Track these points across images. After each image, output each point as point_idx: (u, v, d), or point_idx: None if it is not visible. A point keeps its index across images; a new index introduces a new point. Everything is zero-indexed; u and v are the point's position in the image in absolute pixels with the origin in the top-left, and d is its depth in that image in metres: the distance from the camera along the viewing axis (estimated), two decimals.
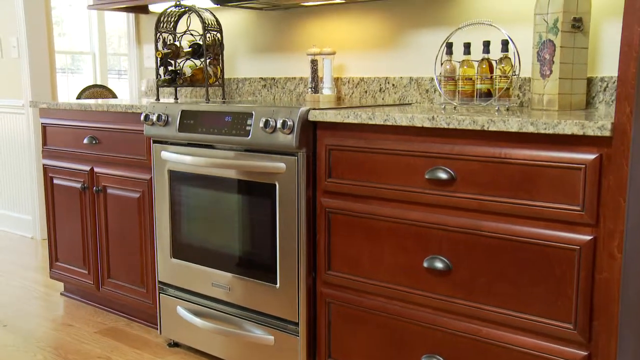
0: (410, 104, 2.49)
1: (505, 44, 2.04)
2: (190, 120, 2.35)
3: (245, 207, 2.25)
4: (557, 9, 1.98)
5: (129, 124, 2.65)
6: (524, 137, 1.63)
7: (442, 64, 2.17)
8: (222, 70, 2.95)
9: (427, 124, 1.78)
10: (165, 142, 2.46)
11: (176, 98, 3.03)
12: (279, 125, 2.05)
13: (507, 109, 2.01)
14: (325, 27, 2.78)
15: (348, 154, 1.98)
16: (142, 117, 2.49)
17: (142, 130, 2.56)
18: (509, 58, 2.04)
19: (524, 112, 1.91)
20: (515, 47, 2.02)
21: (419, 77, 2.50)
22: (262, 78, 3.02)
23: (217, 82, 2.96)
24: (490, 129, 1.66)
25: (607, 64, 2.09)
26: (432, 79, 2.46)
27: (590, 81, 2.10)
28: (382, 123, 1.87)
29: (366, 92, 2.65)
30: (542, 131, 1.57)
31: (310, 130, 2.06)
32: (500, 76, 2.03)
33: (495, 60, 2.07)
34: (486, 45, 2.07)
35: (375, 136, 1.91)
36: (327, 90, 2.65)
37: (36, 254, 4.10)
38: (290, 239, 2.11)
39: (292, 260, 2.12)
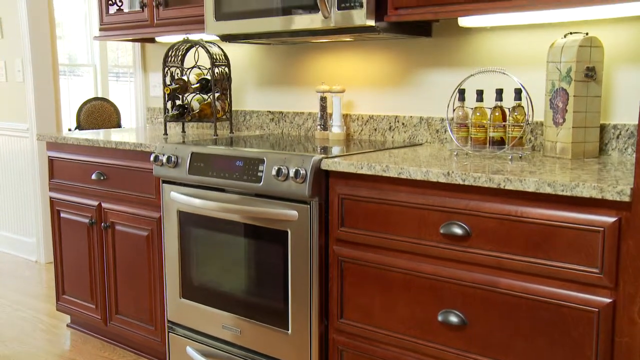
0: (421, 144, 2.48)
1: (518, 92, 2.03)
2: (200, 163, 2.34)
3: (257, 251, 2.24)
4: (570, 58, 1.98)
5: (138, 161, 2.64)
6: (541, 196, 1.62)
7: (454, 110, 2.16)
8: (229, 104, 2.95)
9: (442, 179, 1.77)
10: (175, 183, 2.45)
11: (183, 131, 3.02)
12: (291, 174, 2.04)
13: (520, 158, 2.01)
14: (334, 62, 2.77)
15: (361, 203, 1.97)
16: (151, 158, 2.48)
17: (151, 169, 2.55)
18: (522, 107, 2.03)
19: (538, 163, 1.90)
20: (529, 95, 2.02)
21: (429, 117, 2.49)
22: (270, 111, 3.01)
23: (224, 116, 2.95)
24: (506, 187, 1.65)
25: (619, 110, 2.09)
26: (443, 119, 2.45)
27: (602, 127, 2.09)
28: (396, 176, 1.86)
29: (375, 129, 2.65)
30: (560, 193, 1.57)
31: (322, 178, 2.05)
32: (513, 125, 2.02)
33: (509, 108, 2.06)
34: (499, 93, 2.07)
35: (389, 187, 1.91)
36: (336, 128, 2.65)
37: (41, 279, 4.09)
38: (303, 285, 2.11)
39: (304, 306, 2.11)
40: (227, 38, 2.66)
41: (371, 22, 2.16)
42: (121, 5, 3.30)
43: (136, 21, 3.05)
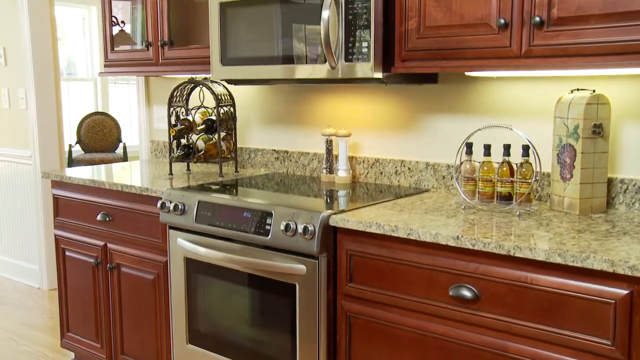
0: (427, 190, 2.49)
1: (526, 148, 2.04)
2: (207, 212, 2.35)
3: (265, 302, 2.24)
4: (578, 116, 1.98)
5: (144, 204, 2.64)
6: (551, 264, 1.63)
7: (461, 163, 2.17)
8: (234, 143, 2.95)
9: (451, 243, 1.77)
10: (182, 230, 2.46)
11: (188, 169, 3.02)
12: (299, 230, 2.04)
13: (528, 213, 2.02)
14: (340, 104, 2.78)
15: (370, 261, 1.98)
16: (158, 205, 2.48)
17: (157, 213, 2.55)
18: (530, 163, 2.04)
19: (546, 222, 1.90)
20: (536, 152, 2.02)
21: (435, 163, 2.49)
22: (275, 150, 3.01)
23: (230, 155, 2.96)
24: (516, 255, 1.66)
25: (626, 164, 2.09)
26: (449, 165, 2.46)
27: (610, 181, 2.10)
28: (404, 237, 1.86)
29: (381, 173, 2.65)
30: (570, 264, 1.57)
31: (331, 233, 2.05)
32: (521, 181, 2.03)
33: (516, 164, 2.07)
34: (506, 148, 2.07)
35: (397, 246, 1.91)
36: (342, 172, 2.65)
37: (44, 309, 4.08)
38: (311, 338, 2.11)
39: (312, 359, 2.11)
40: (233, 81, 2.67)
41: (378, 75, 2.17)
42: (123, 26, 3.31)
43: (141, 59, 3.05)
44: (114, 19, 3.27)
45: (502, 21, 1.92)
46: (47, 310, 4.06)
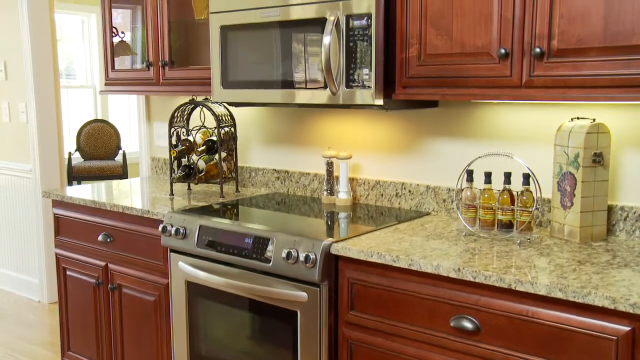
0: (428, 213, 2.49)
1: (526, 177, 2.04)
2: (208, 236, 2.35)
3: (267, 328, 2.25)
4: (578, 145, 1.99)
5: (145, 226, 2.65)
6: (552, 298, 1.63)
7: (462, 190, 2.17)
8: (235, 163, 2.96)
9: (452, 275, 1.78)
10: (183, 253, 2.46)
11: (189, 188, 3.02)
12: (301, 258, 2.05)
13: (529, 241, 2.02)
14: (340, 125, 2.79)
15: (371, 289, 1.98)
16: (160, 228, 2.49)
17: (159, 235, 2.55)
18: (530, 192, 2.04)
19: (546, 251, 1.91)
20: (536, 180, 2.03)
21: (435, 187, 2.50)
22: (275, 170, 3.02)
23: (231, 175, 2.96)
24: (517, 288, 1.66)
25: (626, 192, 2.10)
26: (450, 189, 2.46)
27: (610, 208, 2.11)
28: (406, 267, 1.87)
29: (382, 195, 2.66)
30: (571, 299, 1.58)
31: (332, 261, 2.06)
32: (521, 210, 2.03)
33: (517, 192, 2.07)
34: (507, 176, 2.08)
35: (399, 276, 1.92)
36: (343, 194, 2.65)
37: (44, 324, 4.08)
38: None
39: None
40: (234, 104, 2.67)
41: (379, 102, 2.18)
42: (123, 36, 3.32)
43: (142, 79, 3.06)
44: (113, 29, 3.28)
45: (503, 51, 1.93)
46: (47, 324, 4.07)
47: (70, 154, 8.00)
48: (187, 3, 2.96)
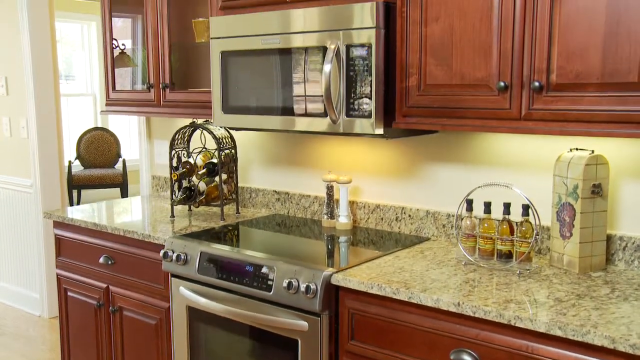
0: (428, 239, 2.50)
1: (525, 208, 2.06)
2: (209, 263, 2.36)
3: (267, 355, 2.26)
4: (577, 176, 2.01)
5: (146, 250, 2.66)
6: (552, 335, 1.64)
7: (462, 219, 2.19)
8: (236, 185, 2.97)
9: (452, 309, 1.79)
10: (184, 279, 2.47)
11: (190, 209, 3.04)
12: (302, 288, 2.06)
13: (528, 271, 2.04)
14: (340, 148, 2.80)
15: (371, 320, 2.00)
16: (161, 254, 2.50)
17: (160, 259, 2.56)
18: (530, 222, 2.06)
19: (546, 283, 1.93)
20: (536, 211, 2.04)
21: (435, 212, 2.51)
22: (276, 191, 3.03)
23: (231, 197, 2.97)
24: (516, 325, 1.68)
25: (625, 221, 2.12)
26: (449, 214, 2.47)
27: (609, 237, 2.12)
28: (406, 300, 1.88)
29: (382, 219, 2.67)
30: (571, 337, 1.59)
31: (333, 291, 2.07)
32: (520, 240, 2.05)
33: (516, 222, 2.09)
34: (506, 207, 2.09)
35: (399, 308, 1.93)
36: (343, 218, 2.67)
37: (44, 339, 4.10)
38: None
39: None
40: (235, 128, 2.68)
41: (380, 131, 2.19)
42: (124, 48, 3.33)
43: (143, 100, 3.07)
44: (114, 41, 3.29)
45: (502, 84, 1.95)
46: (48, 340, 4.08)
47: (70, 162, 8.01)
48: (187, 26, 2.97)
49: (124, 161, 8.31)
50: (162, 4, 2.92)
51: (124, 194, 8.32)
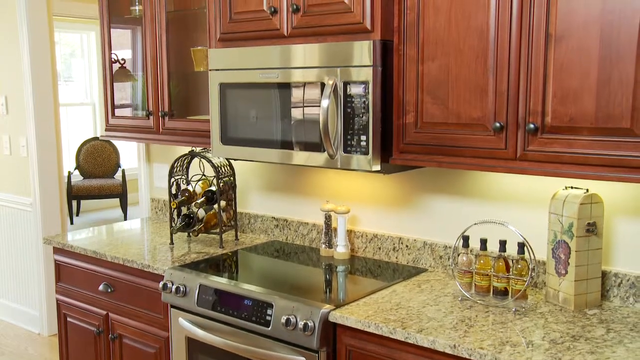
0: (425, 270, 2.52)
1: (521, 246, 2.08)
2: (208, 296, 2.38)
3: None
4: (572, 215, 2.03)
5: (146, 279, 2.68)
6: None
7: (458, 255, 2.21)
8: (235, 212, 2.99)
9: (448, 351, 1.81)
10: (184, 310, 2.49)
11: (189, 236, 3.05)
12: (300, 325, 2.08)
13: (524, 308, 2.06)
14: (338, 177, 2.82)
15: (369, 357, 2.02)
16: (160, 285, 2.52)
17: (159, 289, 2.58)
18: (525, 260, 2.08)
19: (541, 321, 1.95)
20: (531, 249, 2.06)
21: (432, 243, 2.53)
22: (274, 218, 3.05)
23: (230, 223, 2.99)
24: None
25: (620, 258, 2.14)
26: (446, 245, 2.50)
27: (604, 274, 2.14)
28: (402, 340, 1.90)
29: (380, 248, 2.69)
30: None
31: (330, 327, 2.09)
32: (516, 278, 2.07)
33: (512, 259, 2.11)
34: (502, 244, 2.11)
35: (396, 346, 1.95)
36: (341, 247, 2.69)
37: (44, 358, 4.11)
38: None
39: None
40: (233, 159, 2.70)
41: (376, 168, 2.21)
42: (124, 63, 3.35)
43: (142, 127, 3.09)
44: (114, 56, 3.31)
45: (498, 124, 1.97)
46: None
47: (69, 172, 8.03)
48: (187, 53, 2.99)
49: (123, 171, 8.33)
50: (162, 32, 2.94)
51: (124, 204, 8.34)
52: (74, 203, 8.41)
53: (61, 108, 4.78)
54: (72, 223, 8.16)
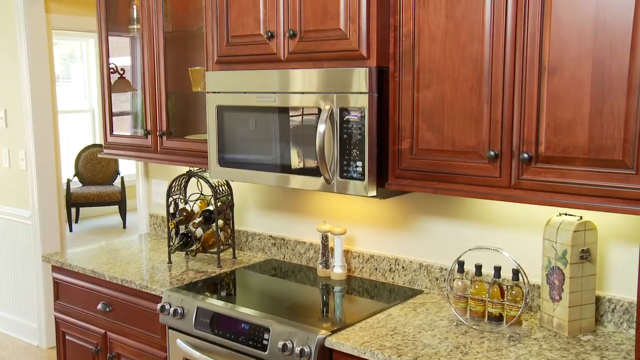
0: (421, 291, 2.54)
1: (515, 273, 2.10)
2: (206, 319, 2.40)
3: None
4: (566, 242, 2.05)
5: (144, 300, 2.70)
6: None
7: (453, 280, 2.23)
8: (232, 231, 3.01)
9: None
10: (181, 332, 2.51)
11: (187, 254, 3.07)
12: (296, 351, 2.10)
13: (518, 335, 2.08)
14: (335, 198, 2.84)
15: None
16: (158, 307, 2.54)
17: (157, 310, 2.60)
18: (520, 287, 2.09)
19: (535, 348, 1.96)
20: (525, 276, 2.08)
21: (428, 265, 2.55)
22: (272, 236, 3.07)
23: (228, 242, 3.01)
24: None
25: (613, 283, 2.16)
26: (442, 267, 2.51)
27: (598, 299, 2.16)
28: None
29: (376, 269, 2.71)
30: None
31: (327, 353, 2.11)
32: (510, 304, 2.08)
33: (507, 286, 2.13)
34: (497, 270, 2.13)
35: None
36: (338, 268, 2.71)
37: None
38: None
39: None
40: (231, 180, 2.72)
41: (372, 193, 2.23)
42: (123, 73, 3.37)
43: (140, 146, 3.11)
44: (112, 66, 3.33)
45: (492, 153, 1.99)
46: None
47: (68, 180, 8.04)
48: (184, 74, 3.01)
49: (122, 178, 8.35)
50: (159, 52, 2.95)
51: (122, 211, 8.36)
52: (73, 210, 8.42)
53: (60, 115, 4.79)
54: (71, 230, 8.18)
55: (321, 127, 2.25)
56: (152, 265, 2.97)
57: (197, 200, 3.02)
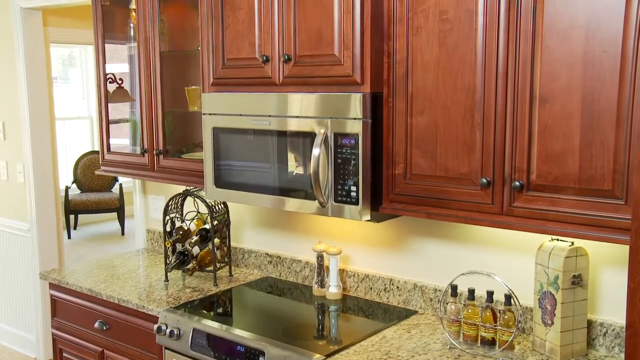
0: (416, 312, 2.56)
1: (508, 298, 2.12)
2: (202, 340, 2.42)
3: None
4: (557, 267, 2.07)
5: (141, 319, 2.72)
6: None
7: (447, 304, 2.25)
8: (229, 249, 3.03)
9: None
10: (178, 352, 2.53)
11: (184, 272, 3.09)
12: None
13: (511, 359, 2.10)
14: (330, 219, 2.84)
15: None
16: (154, 329, 2.56)
17: (154, 330, 2.61)
18: (512, 312, 2.12)
19: None
20: (518, 301, 2.10)
21: (423, 285, 2.57)
22: (268, 254, 3.09)
23: (224, 260, 3.03)
24: None
25: (605, 307, 2.18)
26: (436, 288, 2.53)
27: (590, 323, 2.18)
28: None
29: (371, 288, 2.73)
30: None
31: None
32: (503, 329, 2.11)
33: (499, 310, 2.15)
34: (490, 294, 2.16)
35: None
36: (333, 288, 2.73)
37: None
38: None
39: None
40: (227, 201, 2.74)
41: (366, 218, 2.25)
42: (121, 82, 3.39)
43: (137, 164, 3.13)
44: (111, 76, 3.35)
45: (485, 180, 2.01)
46: None
47: (67, 187, 8.05)
48: (181, 93, 3.03)
49: (120, 185, 8.36)
50: (156, 73, 2.97)
51: (121, 217, 8.38)
52: (72, 217, 8.43)
53: (59, 121, 4.79)
54: (69, 237, 8.19)
55: (316, 151, 2.27)
56: (149, 284, 2.99)
57: (193, 218, 3.04)
